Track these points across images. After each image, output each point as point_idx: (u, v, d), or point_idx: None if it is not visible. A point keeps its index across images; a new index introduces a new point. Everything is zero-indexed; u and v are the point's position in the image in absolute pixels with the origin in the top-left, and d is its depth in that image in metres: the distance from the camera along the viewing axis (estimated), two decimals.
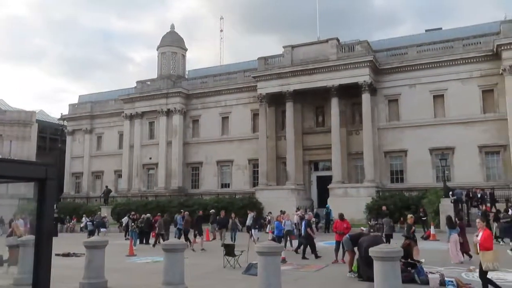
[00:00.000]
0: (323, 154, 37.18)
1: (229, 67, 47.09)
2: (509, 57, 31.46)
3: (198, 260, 16.49)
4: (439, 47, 35.77)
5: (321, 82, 36.14)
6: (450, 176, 32.74)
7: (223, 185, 42.67)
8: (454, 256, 14.77)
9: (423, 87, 35.19)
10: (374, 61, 35.36)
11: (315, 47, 37.74)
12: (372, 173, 34.26)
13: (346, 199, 32.63)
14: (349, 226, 15.20)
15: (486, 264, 9.45)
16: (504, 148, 32.07)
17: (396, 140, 35.67)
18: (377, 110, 36.49)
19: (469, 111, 33.46)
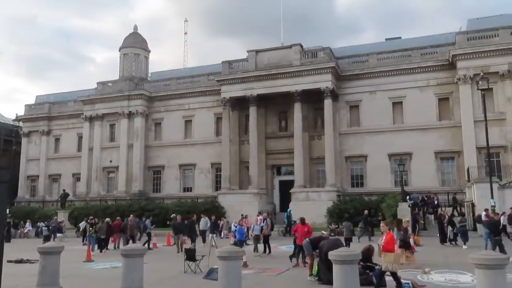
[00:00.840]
0: (286, 158, 37.51)
1: (193, 70, 46.85)
2: (464, 67, 32.85)
3: (158, 265, 16.21)
4: (398, 55, 36.91)
5: (284, 87, 36.50)
6: (407, 180, 33.78)
7: (185, 189, 42.23)
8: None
9: (383, 94, 36.19)
10: (336, 67, 36.07)
11: (279, 52, 38.10)
12: (333, 177, 34.85)
13: (307, 203, 33.02)
14: (310, 230, 15.36)
15: (386, 265, 10.15)
16: (458, 154, 33.39)
17: (357, 145, 36.46)
18: (339, 116, 37.19)
19: (426, 118, 34.66)
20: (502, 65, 31.98)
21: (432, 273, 13.02)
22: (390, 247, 10.46)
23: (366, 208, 29.59)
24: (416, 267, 13.95)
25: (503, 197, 24.57)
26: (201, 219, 25.35)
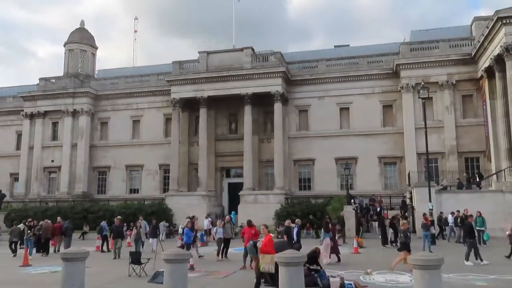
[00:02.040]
0: (235, 161, 37.57)
1: (143, 69, 45.87)
2: (406, 76, 34.41)
3: (102, 268, 15.69)
4: (346, 62, 38.07)
5: (235, 90, 36.57)
6: (353, 184, 34.86)
7: (132, 191, 41.21)
8: (324, 256, 15.68)
9: (331, 99, 37.15)
10: (287, 72, 36.62)
11: (230, 54, 38.13)
12: (282, 180, 35.30)
13: (256, 205, 33.24)
14: (257, 233, 15.44)
15: (263, 266, 10.70)
16: (400, 159, 34.89)
17: (305, 149, 37.15)
18: (288, 120, 37.76)
19: (371, 124, 35.95)
20: (442, 75, 33.81)
21: (374, 274, 13.50)
22: (267, 249, 10.83)
23: (312, 210, 30.24)
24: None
25: (440, 201, 25.91)
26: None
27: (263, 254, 10.84)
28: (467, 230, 16.66)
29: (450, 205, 25.47)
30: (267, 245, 11.01)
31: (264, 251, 10.90)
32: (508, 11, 27.19)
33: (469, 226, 16.70)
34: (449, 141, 33.26)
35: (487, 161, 32.00)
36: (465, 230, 17.14)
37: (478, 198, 25.97)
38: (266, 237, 11.49)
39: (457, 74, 33.80)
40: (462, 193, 27.22)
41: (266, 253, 10.83)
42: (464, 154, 33.34)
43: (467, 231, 16.61)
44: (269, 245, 11.04)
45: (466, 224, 17.21)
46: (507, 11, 27.19)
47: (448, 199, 26.23)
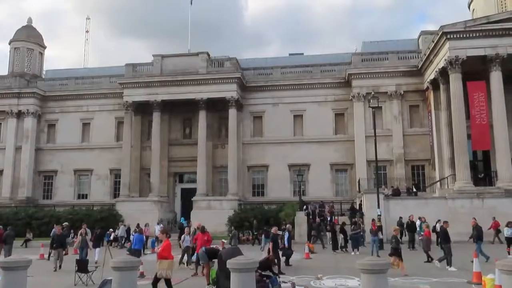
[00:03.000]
0: (189, 166, 37.17)
1: (94, 71, 44.48)
2: (358, 85, 35.48)
3: (46, 278, 14.97)
4: (300, 70, 38.74)
5: (189, 94, 36.26)
6: (305, 190, 35.38)
7: (80, 196, 39.74)
8: None
9: (285, 106, 37.63)
10: (242, 78, 36.77)
11: (185, 59, 37.80)
12: (236, 186, 35.28)
13: (209, 211, 33.02)
14: (210, 239, 15.33)
15: (161, 271, 10.80)
16: (351, 166, 35.84)
17: (259, 155, 37.36)
18: (243, 126, 37.86)
19: (324, 132, 36.72)
20: (391, 86, 35.14)
21: (324, 279, 13.73)
22: (165, 254, 10.88)
23: (265, 216, 30.42)
24: (405, 274, 14.18)
25: (388, 207, 26.81)
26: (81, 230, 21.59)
27: (161, 260, 10.82)
28: (442, 235, 16.54)
29: (397, 211, 26.41)
30: (165, 250, 10.97)
31: (162, 257, 10.87)
32: (452, 26, 28.71)
33: (444, 231, 16.62)
34: (397, 150, 34.55)
35: (432, 169, 33.49)
36: (440, 236, 16.91)
37: (424, 204, 27.13)
38: (164, 242, 11.40)
39: (405, 85, 35.24)
40: (409, 200, 28.34)
41: (163, 258, 10.83)
42: (411, 162, 34.73)
43: (442, 236, 16.49)
44: (167, 250, 10.97)
45: (441, 229, 17.09)
46: (451, 26, 28.71)
47: (395, 205, 27.19)
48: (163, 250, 11.02)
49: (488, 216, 24.63)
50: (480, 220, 22.27)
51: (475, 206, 25.99)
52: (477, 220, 20.49)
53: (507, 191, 26.37)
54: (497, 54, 27.92)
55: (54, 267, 17.13)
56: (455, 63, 28.39)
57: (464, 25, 28.61)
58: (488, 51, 28.11)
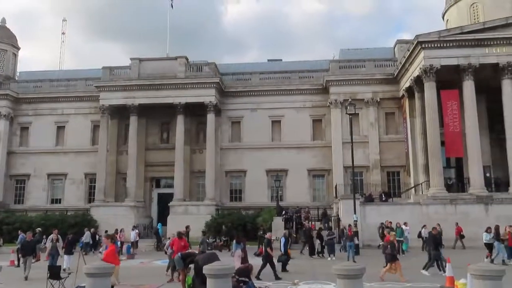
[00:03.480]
0: (166, 171, 36.83)
1: (70, 73, 43.63)
2: (335, 92, 35.89)
3: (16, 285, 14.55)
4: (279, 76, 38.95)
5: (168, 99, 35.99)
6: (283, 196, 35.46)
7: (54, 201, 38.85)
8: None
9: (264, 112, 37.75)
10: (221, 83, 36.74)
11: (163, 63, 37.55)
12: (213, 191, 35.13)
13: (186, 216, 32.73)
14: (187, 245, 15.19)
15: None
16: (328, 172, 36.14)
17: (237, 160, 37.33)
18: (221, 131, 37.79)
19: (301, 138, 36.95)
20: (367, 93, 35.67)
21: (301, 284, 13.78)
22: (110, 260, 10.33)
23: (243, 222, 30.38)
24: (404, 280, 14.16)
25: (364, 213, 27.14)
26: (50, 236, 20.33)
27: None
28: (432, 241, 16.55)
29: (373, 217, 26.80)
30: (109, 256, 10.53)
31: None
32: (427, 36, 29.39)
33: (434, 237, 16.63)
34: (373, 156, 35.04)
35: (407, 175, 34.07)
36: (430, 242, 16.89)
37: (399, 210, 27.56)
38: (109, 247, 11.01)
39: (381, 92, 35.83)
40: (384, 205, 28.77)
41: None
42: (387, 168, 35.26)
43: (432, 242, 16.50)
44: (111, 256, 10.58)
45: (431, 235, 17.07)
46: (426, 36, 29.39)
47: (371, 211, 27.56)
48: (107, 255, 10.50)
49: (460, 222, 25.26)
50: (452, 226, 22.78)
51: (448, 212, 26.56)
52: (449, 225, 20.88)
53: (479, 197, 27.04)
54: (469, 64, 28.68)
55: (25, 276, 16.48)
56: (429, 72, 29.03)
57: (438, 35, 29.33)
58: (461, 61, 28.85)
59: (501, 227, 20.21)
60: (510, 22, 29.20)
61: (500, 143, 30.67)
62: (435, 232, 17.01)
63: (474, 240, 23.12)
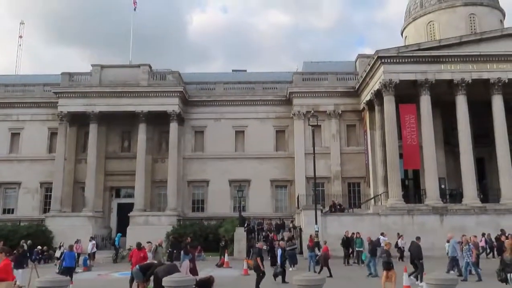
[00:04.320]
0: (127, 180, 36.01)
1: (26, 78, 42.02)
2: (298, 103, 36.39)
3: None
4: (243, 87, 39.10)
5: (129, 107, 35.36)
6: (245, 206, 35.38)
7: (6, 211, 37.10)
8: None
9: (227, 122, 37.74)
10: (184, 92, 36.48)
11: (126, 70, 36.93)
12: (175, 201, 34.63)
13: (147, 227, 32.03)
14: (146, 256, 14.86)
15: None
16: (291, 183, 36.43)
17: (200, 170, 37.03)
18: (184, 140, 37.43)
19: (265, 148, 37.15)
20: (329, 105, 36.37)
21: None
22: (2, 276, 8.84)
23: (205, 232, 30.06)
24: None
25: (325, 223, 27.44)
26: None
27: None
28: (415, 251, 16.63)
29: (334, 227, 27.10)
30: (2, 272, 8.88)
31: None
32: (386, 51, 30.37)
33: (417, 247, 16.77)
34: (335, 167, 35.64)
35: (367, 186, 34.84)
36: (415, 251, 16.85)
37: (359, 220, 28.06)
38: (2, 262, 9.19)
39: (343, 105, 36.62)
40: (345, 216, 29.21)
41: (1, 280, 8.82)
42: (348, 179, 35.92)
43: (415, 252, 16.57)
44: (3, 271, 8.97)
45: (414, 245, 17.16)
46: (386, 51, 30.37)
47: (332, 221, 27.89)
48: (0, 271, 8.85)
49: (417, 232, 25.80)
50: (410, 236, 23.33)
51: (406, 222, 27.27)
52: (403, 235, 21.38)
53: (434, 208, 27.97)
54: (426, 79, 29.81)
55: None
56: (388, 86, 29.95)
57: (397, 51, 30.38)
58: (418, 76, 29.95)
59: (455, 237, 20.81)
60: (464, 40, 30.67)
61: (454, 156, 31.96)
62: (418, 242, 17.18)
63: (431, 250, 23.72)
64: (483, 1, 38.77)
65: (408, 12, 42.62)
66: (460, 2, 38.46)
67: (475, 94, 29.87)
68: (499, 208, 28.18)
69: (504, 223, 26.17)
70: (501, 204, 28.57)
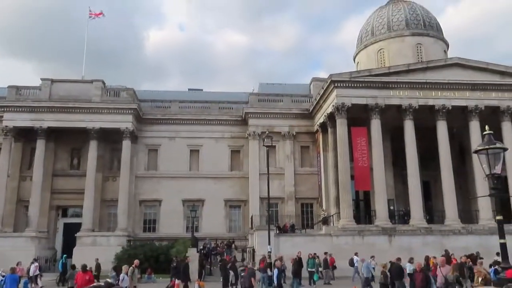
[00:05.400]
0: (75, 199, 34.59)
1: None
2: (254, 124, 36.69)
3: None
4: (199, 106, 38.98)
5: (81, 123, 34.30)
6: (199, 226, 34.95)
7: None
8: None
9: (182, 141, 37.37)
10: (139, 109, 35.89)
11: (78, 85, 35.91)
12: (125, 221, 33.62)
13: (95, 248, 30.82)
14: (92, 279, 14.25)
15: None
16: (245, 203, 36.37)
17: (153, 189, 36.27)
18: (137, 158, 36.64)
19: (219, 168, 37.01)
20: (284, 126, 36.92)
21: None
22: None
23: (156, 253, 29.25)
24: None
25: (278, 244, 27.46)
26: None
27: None
28: (395, 272, 16.60)
29: (287, 248, 27.11)
30: None
31: None
32: (339, 76, 31.38)
33: (398, 267, 16.83)
34: (288, 188, 35.99)
35: (319, 207, 35.34)
36: (395, 273, 16.84)
37: (311, 241, 28.34)
38: None
39: (297, 126, 37.28)
40: (298, 236, 29.46)
41: None
42: (301, 200, 36.34)
43: (395, 273, 16.53)
44: None
45: (394, 266, 17.20)
46: (339, 76, 31.38)
47: (285, 242, 27.95)
48: None
49: (367, 252, 26.29)
50: (361, 256, 23.74)
51: (357, 243, 27.79)
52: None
53: (384, 229, 28.74)
54: (376, 104, 30.98)
55: None
56: (341, 109, 30.85)
57: (349, 76, 31.46)
58: (369, 101, 31.07)
59: (402, 258, 21.36)
60: (411, 68, 32.27)
61: (403, 178, 33.12)
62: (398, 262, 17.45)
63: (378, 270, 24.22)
64: (429, 32, 41.18)
65: (360, 39, 44.43)
66: (408, 32, 40.66)
67: (422, 120, 31.32)
68: (444, 229, 29.37)
69: (448, 243, 27.21)
70: (446, 225, 29.81)
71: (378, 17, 43.13)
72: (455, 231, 29.04)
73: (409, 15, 41.62)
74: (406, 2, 43.56)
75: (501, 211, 10.38)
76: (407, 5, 42.87)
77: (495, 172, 9.46)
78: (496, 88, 32.21)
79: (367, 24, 44.14)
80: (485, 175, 9.73)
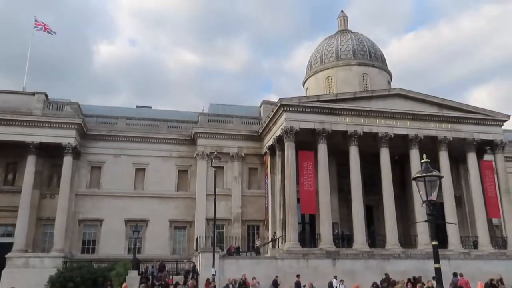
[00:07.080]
0: (8, 217, 32.39)
1: None
2: (202, 144, 36.40)
3: None
4: (147, 123, 38.14)
5: (19, 136, 32.48)
6: (141, 248, 33.73)
7: None
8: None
9: (128, 158, 36.31)
10: (83, 125, 34.59)
11: (18, 97, 34.15)
12: (62, 242, 31.86)
13: (27, 270, 29.03)
14: None
15: None
16: (190, 224, 35.65)
17: (94, 208, 34.77)
18: (79, 175, 35.13)
19: (166, 187, 36.20)
20: (233, 148, 36.90)
21: None
22: None
23: (94, 276, 27.82)
24: None
25: (223, 267, 27.01)
26: None
27: None
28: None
29: (232, 270, 26.71)
30: None
31: None
32: (288, 100, 31.96)
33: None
34: (235, 209, 35.77)
35: (266, 229, 35.29)
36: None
37: (256, 264, 28.08)
38: None
39: (246, 148, 37.38)
40: (243, 259, 29.11)
41: None
42: (247, 222, 36.16)
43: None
44: None
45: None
46: (288, 100, 31.96)
47: (230, 265, 27.51)
48: None
49: (312, 276, 26.49)
50: (304, 280, 23.82)
51: (301, 266, 27.85)
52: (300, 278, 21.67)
53: (328, 252, 29.09)
54: (323, 129, 31.75)
55: None
56: (289, 133, 31.32)
57: (298, 101, 32.14)
58: (317, 126, 31.79)
59: (345, 281, 21.74)
60: (357, 96, 33.50)
61: (347, 202, 33.86)
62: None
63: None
64: (374, 63, 43.18)
65: (309, 66, 45.76)
66: (354, 62, 42.42)
67: (367, 146, 32.42)
68: (385, 253, 30.18)
69: (388, 267, 27.93)
70: (386, 249, 30.65)
71: (327, 46, 44.70)
72: (395, 255, 29.91)
73: (356, 45, 43.48)
74: (354, 33, 45.55)
75: (436, 236, 10.80)
76: (355, 36, 44.82)
77: (431, 198, 9.92)
78: (434, 119, 34.04)
79: (316, 52, 45.59)
80: (422, 202, 10.16)
